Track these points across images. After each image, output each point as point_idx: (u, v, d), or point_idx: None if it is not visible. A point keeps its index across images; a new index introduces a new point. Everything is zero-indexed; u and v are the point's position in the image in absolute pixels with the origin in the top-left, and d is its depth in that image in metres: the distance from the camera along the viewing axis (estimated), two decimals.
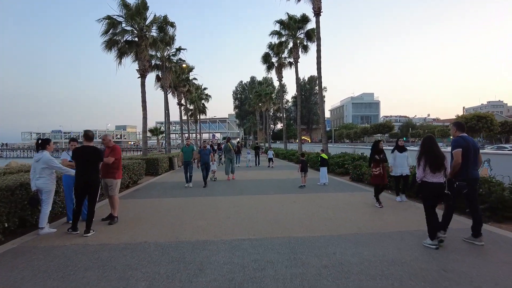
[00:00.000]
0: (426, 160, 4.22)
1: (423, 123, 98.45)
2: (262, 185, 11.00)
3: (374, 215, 6.33)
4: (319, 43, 18.44)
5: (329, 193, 9.14)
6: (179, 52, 23.45)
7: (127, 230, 5.33)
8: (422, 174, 4.25)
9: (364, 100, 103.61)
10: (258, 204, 7.52)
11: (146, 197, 8.70)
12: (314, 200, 7.94)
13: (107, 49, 16.53)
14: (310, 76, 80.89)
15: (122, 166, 10.36)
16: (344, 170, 13.82)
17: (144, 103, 17.11)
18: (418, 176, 4.35)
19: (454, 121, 5.07)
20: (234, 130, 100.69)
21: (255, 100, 49.17)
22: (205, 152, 11.01)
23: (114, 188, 5.88)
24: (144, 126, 17.13)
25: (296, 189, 9.94)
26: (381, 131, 64.51)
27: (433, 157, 4.19)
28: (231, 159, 13.44)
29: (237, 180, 12.49)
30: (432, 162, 4.17)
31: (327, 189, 9.92)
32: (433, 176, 4.19)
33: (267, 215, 6.31)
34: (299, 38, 25.08)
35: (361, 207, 7.08)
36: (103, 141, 6.04)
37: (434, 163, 4.16)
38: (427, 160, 4.20)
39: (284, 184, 11.09)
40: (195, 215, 6.46)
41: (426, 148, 4.31)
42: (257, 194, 9.02)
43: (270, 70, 31.59)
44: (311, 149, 25.89)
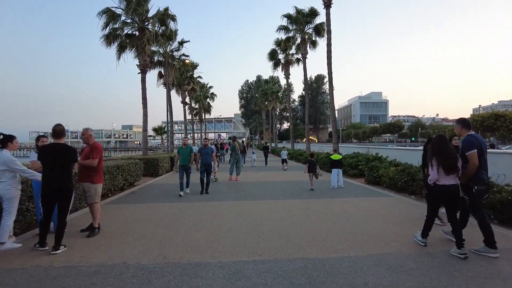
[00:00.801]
0: (438, 161, 3.94)
1: (432, 123, 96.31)
2: (269, 188, 10.01)
3: (404, 227, 5.28)
4: (329, 37, 17.39)
5: (345, 198, 8.11)
6: (181, 46, 22.61)
7: (107, 246, 4.40)
8: (436, 176, 3.96)
9: (372, 99, 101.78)
10: (265, 212, 6.54)
11: (139, 202, 7.78)
12: (330, 207, 6.93)
13: (106, 44, 15.74)
14: (317, 75, 79.63)
15: (116, 167, 9.68)
16: (358, 172, 12.75)
17: (144, 100, 16.27)
18: (431, 178, 4.03)
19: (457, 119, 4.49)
20: (240, 130, 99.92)
21: (261, 99, 48.21)
22: (206, 151, 9.08)
23: (93, 194, 4.96)
24: (144, 124, 16.29)
25: (306, 193, 8.93)
26: (391, 130, 62.85)
27: (445, 157, 3.91)
28: (237, 159, 12.55)
29: (242, 182, 11.52)
30: (445, 163, 3.90)
31: (342, 193, 8.89)
32: (446, 178, 3.94)
33: (275, 227, 5.32)
34: (307, 33, 24.03)
35: (386, 217, 6.03)
36: (82, 137, 5.10)
37: (447, 164, 3.89)
38: (439, 161, 3.93)
39: (293, 187, 10.10)
40: (190, 225, 5.51)
41: (437, 148, 4.02)
42: (263, 199, 8.03)
43: (276, 67, 30.60)
44: (320, 149, 24.79)
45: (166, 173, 15.63)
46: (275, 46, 29.54)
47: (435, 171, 3.95)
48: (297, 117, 78.17)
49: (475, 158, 3.90)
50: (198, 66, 29.71)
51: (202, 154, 9.07)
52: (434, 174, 3.97)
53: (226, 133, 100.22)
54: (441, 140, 4.08)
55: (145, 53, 16.29)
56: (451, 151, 3.98)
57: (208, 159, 9.08)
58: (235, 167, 12.51)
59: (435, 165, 3.96)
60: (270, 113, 52.51)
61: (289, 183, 11.33)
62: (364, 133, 67.92)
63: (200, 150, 9.18)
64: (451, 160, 3.90)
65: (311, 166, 9.70)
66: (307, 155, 20.61)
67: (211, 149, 9.26)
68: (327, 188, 9.90)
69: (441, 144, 4.03)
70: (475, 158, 3.90)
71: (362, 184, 10.96)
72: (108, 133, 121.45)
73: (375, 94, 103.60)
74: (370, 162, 12.98)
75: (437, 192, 4.04)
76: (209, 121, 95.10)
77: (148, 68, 16.64)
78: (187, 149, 8.91)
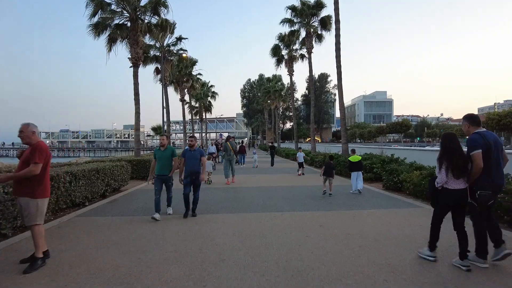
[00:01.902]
0: (449, 162, 3.55)
1: (438, 123, 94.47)
2: (274, 195, 8.61)
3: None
4: (338, 27, 15.96)
5: (366, 209, 6.70)
6: (180, 42, 21.26)
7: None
8: (445, 179, 3.59)
9: (376, 98, 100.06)
10: (270, 231, 5.13)
11: (117, 214, 6.42)
12: (350, 224, 5.52)
13: (95, 35, 14.42)
14: (321, 74, 78.08)
15: (95, 171, 7.91)
16: (373, 176, 11.33)
17: (137, 96, 14.96)
18: (439, 181, 3.64)
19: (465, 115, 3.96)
20: (242, 129, 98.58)
21: (263, 97, 46.80)
22: (192, 155, 6.27)
23: (34, 213, 3.59)
24: (137, 122, 14.96)
25: (319, 202, 7.52)
26: (398, 130, 61.02)
27: (457, 158, 3.52)
28: (230, 160, 11.76)
29: (242, 188, 10.12)
30: (456, 165, 3.51)
31: (361, 203, 7.47)
32: (456, 182, 3.57)
33: (284, 257, 3.93)
34: (312, 26, 22.58)
35: (426, 236, 4.61)
36: (21, 135, 3.72)
37: (458, 166, 3.51)
38: (450, 162, 3.54)
39: (302, 194, 8.69)
40: (170, 253, 4.13)
41: (448, 147, 3.63)
42: (267, 210, 6.64)
43: (280, 63, 29.19)
44: (327, 150, 23.37)
45: None
46: (278, 41, 28.14)
47: (444, 173, 3.57)
48: (300, 116, 76.66)
49: (478, 159, 3.47)
50: (197, 62, 28.36)
51: (187, 159, 6.29)
52: (442, 176, 3.59)
53: (228, 133, 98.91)
54: (451, 138, 3.69)
55: (138, 45, 14.96)
56: (462, 151, 3.61)
57: (195, 166, 6.22)
58: (230, 168, 11.75)
59: (444, 167, 3.58)
60: (273, 112, 51.10)
61: (297, 188, 9.93)
62: (370, 132, 66.16)
63: (185, 153, 6.38)
64: (462, 162, 3.52)
65: (328, 169, 8.58)
66: (313, 155, 19.23)
67: (199, 152, 6.38)
68: (341, 194, 8.52)
69: (451, 143, 3.63)
70: (478, 159, 3.47)
71: (380, 190, 9.55)
72: (109, 133, 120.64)
73: (379, 93, 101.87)
74: (386, 165, 11.60)
75: (445, 197, 3.65)
76: (211, 121, 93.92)
77: (141, 62, 15.32)
78: (166, 152, 6.24)
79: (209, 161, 12.46)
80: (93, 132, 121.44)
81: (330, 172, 8.57)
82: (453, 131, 35.37)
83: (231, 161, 11.98)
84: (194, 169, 6.20)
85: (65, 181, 6.58)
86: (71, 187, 6.83)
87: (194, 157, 6.26)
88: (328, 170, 8.57)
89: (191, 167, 6.22)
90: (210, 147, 18.28)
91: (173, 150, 6.36)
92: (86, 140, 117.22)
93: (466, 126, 3.74)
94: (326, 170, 8.60)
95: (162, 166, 6.15)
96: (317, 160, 17.71)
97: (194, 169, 6.20)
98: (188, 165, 6.27)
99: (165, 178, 6.18)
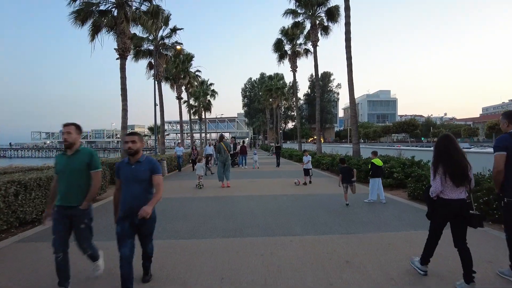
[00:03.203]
0: (445, 168, 3.10)
1: (443, 122, 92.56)
2: (279, 207, 7.01)
3: None
4: (348, 14, 14.38)
5: (401, 231, 5.09)
6: (175, 34, 19.63)
7: None
8: (440, 188, 3.11)
9: (380, 97, 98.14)
10: (275, 272, 3.53)
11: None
12: (386, 255, 3.92)
13: (76, 21, 12.87)
14: (324, 72, 76.20)
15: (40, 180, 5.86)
16: (393, 182, 9.71)
17: (123, 91, 13.41)
18: (433, 190, 3.17)
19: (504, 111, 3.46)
20: (243, 129, 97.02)
21: (265, 96, 45.16)
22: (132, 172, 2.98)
23: None
24: (124, 120, 13.40)
25: (338, 218, 5.91)
26: (406, 130, 58.93)
27: (453, 163, 3.09)
28: (224, 162, 10.53)
29: (240, 197, 8.52)
30: (453, 171, 3.08)
31: (389, 218, 5.87)
32: (453, 191, 3.11)
33: None
34: (318, 17, 20.95)
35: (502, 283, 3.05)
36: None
37: (455, 173, 3.08)
38: (446, 168, 3.10)
39: (314, 206, 7.09)
40: None
41: (444, 150, 3.17)
42: (270, 234, 5.01)
43: (282, 59, 27.55)
44: (334, 150, 21.73)
45: None
46: (281, 36, 26.55)
47: (439, 180, 3.12)
48: (302, 116, 74.94)
49: (498, 161, 3.22)
50: (194, 57, 26.72)
51: (124, 181, 3.02)
52: (436, 185, 3.13)
53: (229, 133, 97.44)
54: (448, 141, 3.18)
55: (125, 34, 13.40)
56: (461, 155, 3.13)
57: (137, 196, 2.97)
58: (224, 170, 10.59)
59: (439, 174, 3.12)
60: (275, 111, 49.46)
61: (306, 198, 8.33)
62: (375, 132, 64.21)
63: (119, 170, 3.07)
64: (461, 168, 3.09)
65: (346, 175, 7.27)
66: (318, 157, 17.57)
67: (148, 166, 3.03)
68: (360, 206, 6.93)
69: (447, 146, 3.15)
70: (498, 162, 3.22)
71: (405, 200, 7.93)
72: (109, 133, 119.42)
73: (383, 92, 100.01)
74: (407, 169, 10.03)
75: (441, 207, 3.19)
76: (212, 121, 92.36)
77: (129, 53, 13.72)
78: (75, 160, 3.10)
79: (200, 163, 10.95)
80: (93, 133, 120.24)
81: (349, 177, 7.23)
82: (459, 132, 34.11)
83: (226, 164, 10.63)
84: (134, 203, 2.92)
85: (6, 194, 5.03)
86: (17, 201, 5.29)
87: (135, 178, 2.97)
88: (347, 176, 7.20)
89: (129, 199, 2.96)
90: (207, 148, 16.71)
91: (91, 156, 3.16)
92: (86, 140, 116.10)
93: (505, 124, 3.39)
94: (344, 177, 7.23)
95: (67, 189, 3.05)
96: (324, 162, 16.08)
97: (134, 203, 2.92)
98: (125, 194, 2.98)
99: (72, 213, 3.05)
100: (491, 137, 54.48)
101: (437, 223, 3.31)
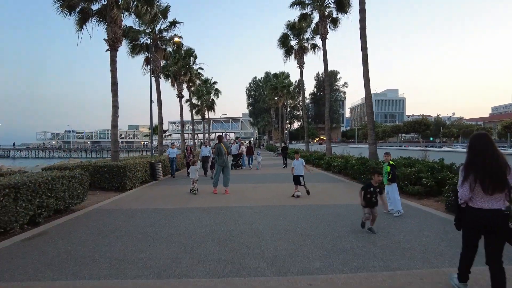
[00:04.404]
0: (475, 173, 2.59)
1: (453, 122, 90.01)
2: (288, 225, 5.54)
3: None
4: (363, 0, 12.89)
5: (457, 258, 3.65)
6: (173, 27, 18.28)
7: None
8: (467, 195, 2.66)
9: (388, 97, 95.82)
10: None
11: (4, 277, 3.52)
12: None
13: (62, 9, 11.62)
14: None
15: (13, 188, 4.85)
16: (422, 189, 8.21)
17: (114, 85, 12.11)
18: (461, 196, 2.73)
19: None
20: (248, 129, 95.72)
21: (270, 94, 43.66)
22: None
23: None
24: (114, 118, 12.08)
25: (367, 243, 4.46)
26: (417, 129, 56.62)
27: (485, 168, 2.55)
28: (223, 166, 9.23)
29: (241, 209, 7.10)
30: (487, 176, 2.54)
31: (432, 239, 4.41)
32: (485, 199, 2.61)
33: None
34: (328, 7, 19.46)
35: None
36: None
37: (490, 179, 2.54)
38: (477, 173, 2.59)
39: (332, 222, 5.62)
40: None
41: (477, 152, 2.66)
42: (280, 272, 3.57)
43: (288, 55, 26.08)
44: (345, 151, 20.20)
45: (141, 184, 11.42)
46: (287, 30, 25.06)
47: (467, 186, 2.65)
48: (308, 116, 73.23)
49: None
50: (195, 52, 25.39)
51: None
52: (464, 191, 2.68)
53: (233, 133, 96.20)
54: (484, 141, 2.67)
55: (116, 23, 12.11)
56: (498, 157, 2.58)
57: None
58: (222, 176, 9.27)
59: (469, 179, 2.62)
60: (280, 110, 47.96)
61: (321, 210, 6.88)
62: (384, 132, 62.10)
63: None
64: (494, 173, 2.53)
65: (370, 195, 4.96)
66: (328, 158, 16.03)
67: None
68: (390, 221, 5.46)
69: (483, 147, 2.62)
70: None
71: (442, 213, 6.45)
72: None
73: (391, 91, 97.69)
74: (437, 173, 8.56)
75: (471, 217, 2.72)
76: (216, 121, 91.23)
77: (120, 44, 12.40)
78: None
79: (194, 166, 9.63)
80: (97, 133, 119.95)
81: (375, 200, 4.98)
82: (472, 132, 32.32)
83: (225, 167, 9.30)
84: None
85: None
86: None
87: None
88: (373, 200, 4.97)
89: None
90: (203, 149, 14.93)
91: None
92: (91, 140, 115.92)
93: None
94: (369, 201, 4.93)
95: None
96: (335, 164, 14.60)
97: None
98: None
99: None
100: (506, 137, 52.15)
101: (467, 235, 2.86)
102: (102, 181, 9.95)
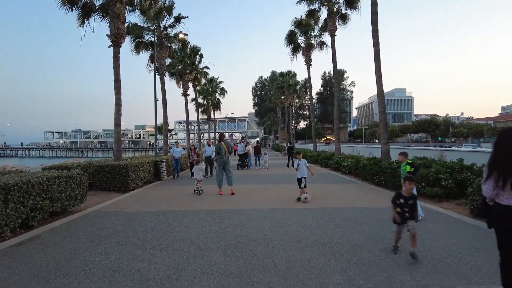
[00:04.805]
0: (501, 168, 2.43)
1: (462, 122, 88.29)
2: (302, 231, 5.05)
3: None
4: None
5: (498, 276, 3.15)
6: (179, 23, 17.92)
7: None
8: (490, 192, 2.50)
9: (395, 96, 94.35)
10: None
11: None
12: None
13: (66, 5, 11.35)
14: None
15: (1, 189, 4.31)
16: (441, 191, 7.66)
17: (117, 82, 11.80)
18: (485, 193, 2.56)
19: None
20: (253, 129, 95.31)
21: (276, 94, 43.15)
22: None
23: None
24: (117, 116, 11.76)
25: (400, 264, 3.98)
26: (426, 129, 55.42)
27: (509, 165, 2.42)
28: (224, 165, 8.97)
29: (247, 212, 6.66)
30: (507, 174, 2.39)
31: (464, 249, 3.89)
32: None
33: None
34: (336, 3, 18.91)
35: None
36: None
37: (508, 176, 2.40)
38: (500, 170, 2.43)
39: (352, 228, 5.12)
40: None
41: (502, 150, 2.49)
42: (295, 285, 3.15)
43: (296, 52, 25.54)
44: (355, 151, 19.63)
45: (144, 185, 11.06)
46: (294, 27, 24.52)
47: (490, 183, 2.47)
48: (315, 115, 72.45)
49: None
50: (201, 50, 24.96)
51: None
52: (487, 188, 2.50)
53: (239, 133, 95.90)
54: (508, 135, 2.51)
55: (119, 19, 11.78)
56: None
57: None
58: (225, 175, 9.01)
59: (494, 175, 2.44)
60: (286, 110, 47.42)
61: (335, 214, 6.38)
62: (393, 132, 61.07)
63: None
64: None
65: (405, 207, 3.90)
66: (338, 158, 15.48)
67: None
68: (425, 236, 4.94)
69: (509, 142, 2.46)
70: None
71: (467, 218, 5.92)
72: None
73: (398, 90, 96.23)
74: (456, 174, 8.02)
75: (498, 215, 2.51)
76: (222, 121, 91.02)
77: (123, 40, 12.05)
78: None
79: (198, 166, 9.25)
80: (104, 132, 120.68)
81: (411, 212, 3.91)
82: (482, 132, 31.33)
83: (226, 167, 8.98)
84: None
85: None
86: None
87: None
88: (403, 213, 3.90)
89: None
90: (207, 149, 14.47)
91: None
92: (98, 140, 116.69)
93: None
94: (403, 214, 3.89)
95: None
96: (345, 164, 14.07)
97: None
98: None
99: None
100: None
101: (500, 237, 2.58)
102: (104, 181, 9.62)
